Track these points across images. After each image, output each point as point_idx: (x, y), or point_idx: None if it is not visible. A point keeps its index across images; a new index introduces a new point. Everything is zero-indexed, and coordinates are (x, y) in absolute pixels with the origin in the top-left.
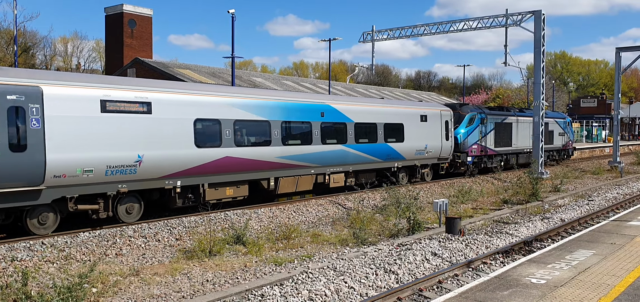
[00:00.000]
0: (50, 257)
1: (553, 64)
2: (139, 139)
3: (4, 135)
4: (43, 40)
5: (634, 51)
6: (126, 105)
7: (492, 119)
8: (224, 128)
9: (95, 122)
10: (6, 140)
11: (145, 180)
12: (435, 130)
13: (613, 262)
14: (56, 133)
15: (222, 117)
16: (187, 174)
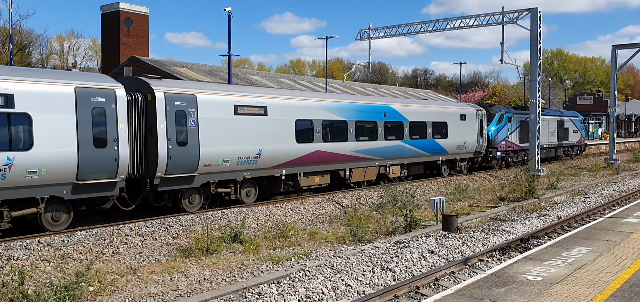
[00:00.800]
0: (47, 256)
1: (549, 62)
2: (259, 136)
3: (173, 132)
4: (39, 38)
5: (630, 48)
6: (250, 109)
7: (517, 117)
8: (315, 127)
9: (230, 123)
10: (175, 136)
11: (262, 169)
12: (472, 128)
13: (609, 259)
14: (205, 131)
15: (313, 118)
16: (289, 164)
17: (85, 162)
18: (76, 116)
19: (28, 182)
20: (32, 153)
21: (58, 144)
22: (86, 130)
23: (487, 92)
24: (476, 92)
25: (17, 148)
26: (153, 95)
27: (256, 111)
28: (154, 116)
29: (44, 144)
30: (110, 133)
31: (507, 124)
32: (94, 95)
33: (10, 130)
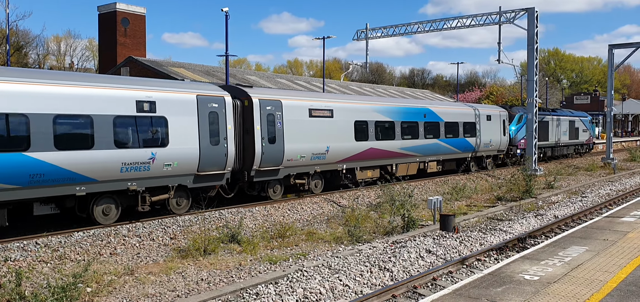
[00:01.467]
0: (44, 257)
1: (546, 61)
2: (327, 135)
3: (265, 132)
4: (36, 39)
5: (626, 48)
6: (321, 112)
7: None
8: (369, 127)
9: (306, 124)
10: (267, 135)
11: (328, 163)
12: (496, 127)
13: (606, 259)
14: (288, 131)
15: (368, 119)
16: (349, 160)
17: (204, 156)
18: (198, 119)
19: (164, 173)
20: (168, 149)
21: (186, 141)
22: (205, 131)
23: (484, 92)
24: (473, 92)
25: (158, 145)
26: (250, 101)
27: (325, 114)
28: (251, 119)
29: (176, 142)
30: (221, 133)
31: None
32: (209, 102)
33: (153, 131)
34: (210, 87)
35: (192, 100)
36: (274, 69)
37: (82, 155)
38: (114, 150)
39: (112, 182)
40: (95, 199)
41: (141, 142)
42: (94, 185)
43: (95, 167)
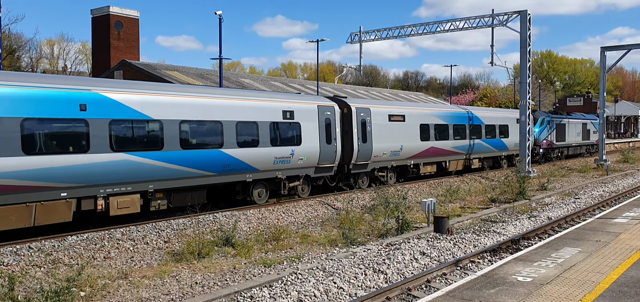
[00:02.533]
0: (37, 261)
1: (539, 63)
2: (400, 136)
3: (360, 133)
4: (28, 42)
5: (618, 50)
6: (396, 117)
7: (554, 120)
8: (430, 129)
9: (387, 127)
10: (361, 136)
11: (401, 160)
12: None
13: (598, 260)
14: (375, 133)
15: (430, 122)
16: (415, 157)
17: (322, 153)
18: (318, 124)
19: (298, 165)
20: (302, 147)
21: (312, 141)
22: (322, 133)
23: (477, 94)
24: (466, 94)
25: (295, 144)
26: (349, 109)
27: (399, 119)
28: (350, 123)
29: (306, 142)
30: (332, 134)
31: (547, 126)
32: (325, 110)
33: (292, 133)
34: (324, 98)
35: (315, 110)
36: (268, 71)
37: (253, 151)
38: (270, 147)
39: (267, 172)
40: (255, 184)
41: (285, 141)
42: (257, 173)
43: (259, 160)
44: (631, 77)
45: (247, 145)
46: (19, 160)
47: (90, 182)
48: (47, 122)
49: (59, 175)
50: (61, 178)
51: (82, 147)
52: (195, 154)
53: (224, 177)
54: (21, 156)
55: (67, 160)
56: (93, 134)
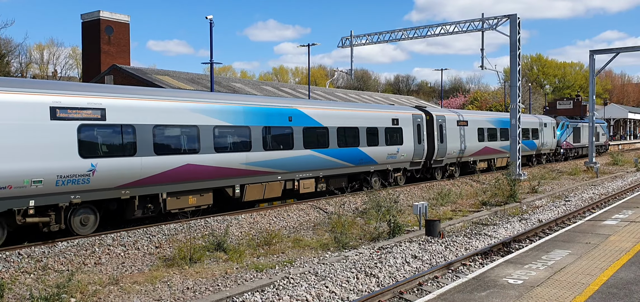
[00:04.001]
0: (27, 268)
1: (529, 67)
2: (464, 138)
3: (439, 136)
4: (18, 47)
5: (607, 53)
6: (462, 123)
7: (572, 124)
8: (484, 132)
9: (455, 130)
10: (439, 138)
11: (464, 157)
12: (549, 132)
13: (588, 262)
14: (448, 135)
15: (484, 127)
16: (474, 155)
17: (415, 151)
18: (412, 128)
19: (400, 160)
20: (403, 146)
21: (409, 142)
22: (415, 135)
23: (468, 98)
24: (457, 98)
25: (399, 144)
26: (431, 116)
27: (464, 124)
28: (432, 127)
29: (405, 142)
30: (421, 137)
31: (566, 130)
32: (416, 117)
33: (397, 136)
34: (415, 108)
35: (410, 117)
36: (259, 76)
37: (375, 149)
38: (385, 146)
39: (382, 165)
40: (372, 174)
41: (393, 142)
42: (376, 166)
43: (379, 156)
44: (620, 80)
45: (372, 144)
46: (261, 154)
47: (292, 170)
48: (274, 129)
49: (277, 164)
50: (279, 166)
51: (289, 146)
52: (345, 151)
53: (358, 168)
54: (262, 151)
55: (281, 154)
56: (295, 137)
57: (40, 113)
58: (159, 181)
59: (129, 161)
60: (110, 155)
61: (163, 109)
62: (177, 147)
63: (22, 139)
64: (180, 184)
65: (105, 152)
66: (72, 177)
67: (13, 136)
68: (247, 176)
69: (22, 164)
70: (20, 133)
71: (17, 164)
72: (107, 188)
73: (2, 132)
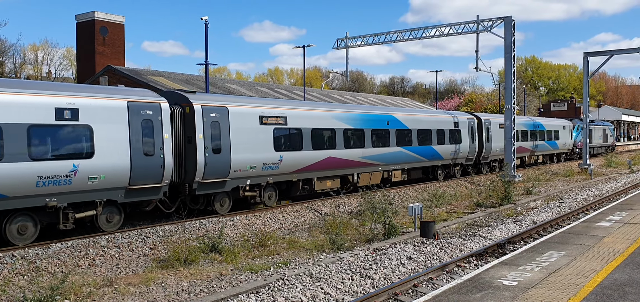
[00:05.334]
0: (20, 270)
1: (524, 69)
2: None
3: (486, 136)
4: (12, 48)
5: (601, 56)
6: (502, 125)
7: None
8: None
9: (498, 132)
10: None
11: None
12: (567, 134)
13: (582, 263)
14: (493, 136)
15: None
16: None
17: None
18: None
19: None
20: (461, 145)
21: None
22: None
23: (463, 99)
24: (452, 100)
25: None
26: (480, 120)
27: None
28: (481, 129)
29: (463, 141)
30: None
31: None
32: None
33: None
34: (468, 113)
35: (466, 121)
36: (254, 77)
37: (443, 147)
38: (449, 145)
39: (446, 160)
40: (438, 168)
41: (454, 141)
42: (442, 161)
43: (445, 153)
44: (614, 82)
45: (440, 143)
46: (371, 150)
47: (388, 162)
48: (378, 131)
49: (379, 158)
50: (380, 160)
51: (387, 144)
52: (423, 148)
53: (430, 162)
54: (370, 148)
55: (382, 150)
56: (390, 137)
57: (255, 120)
58: (313, 169)
59: (300, 153)
60: (289, 149)
61: (317, 116)
62: (323, 144)
63: (247, 138)
64: (324, 171)
65: (287, 147)
66: (270, 165)
67: (243, 136)
68: (361, 166)
69: (246, 155)
70: (247, 134)
71: (244, 154)
72: (286, 173)
73: (239, 133)
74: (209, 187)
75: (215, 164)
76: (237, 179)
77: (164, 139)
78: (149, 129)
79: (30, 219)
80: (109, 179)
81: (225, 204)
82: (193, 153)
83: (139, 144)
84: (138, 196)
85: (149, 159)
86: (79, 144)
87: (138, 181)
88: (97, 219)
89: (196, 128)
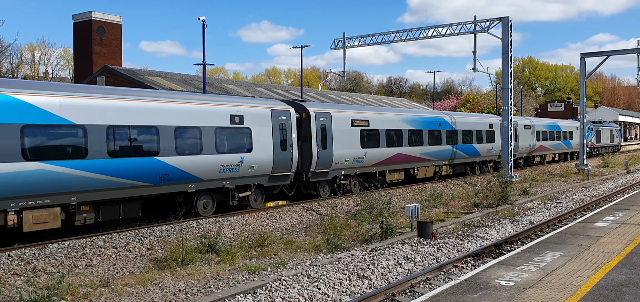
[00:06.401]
0: (17, 270)
1: (521, 69)
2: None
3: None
4: (9, 48)
5: (598, 56)
6: (527, 127)
7: (594, 128)
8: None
9: (525, 132)
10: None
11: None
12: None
13: (579, 263)
14: (519, 136)
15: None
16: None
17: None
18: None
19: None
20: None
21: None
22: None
23: (460, 100)
24: (449, 100)
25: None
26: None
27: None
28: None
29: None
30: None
31: (591, 132)
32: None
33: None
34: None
35: (498, 122)
36: (252, 77)
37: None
38: (485, 144)
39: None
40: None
41: (489, 140)
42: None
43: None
44: (611, 83)
45: (479, 142)
46: (427, 148)
47: (439, 159)
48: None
49: (433, 155)
50: (434, 156)
51: (439, 142)
52: (466, 146)
53: (471, 159)
54: (427, 146)
55: (435, 148)
56: (442, 137)
57: (348, 123)
58: (386, 163)
59: (378, 150)
60: (371, 146)
61: (389, 119)
62: (393, 142)
63: (343, 137)
64: (393, 165)
65: (369, 144)
66: (358, 159)
67: (341, 135)
68: (420, 161)
69: (343, 151)
70: (343, 134)
71: (341, 150)
72: (368, 166)
73: (338, 134)
74: (318, 176)
75: (323, 157)
76: (336, 169)
77: (293, 138)
78: (283, 131)
79: (210, 197)
80: (260, 168)
81: (327, 190)
82: (309, 149)
83: (278, 141)
84: (275, 181)
85: (283, 153)
86: (244, 141)
87: (277, 170)
88: (249, 198)
89: (311, 129)
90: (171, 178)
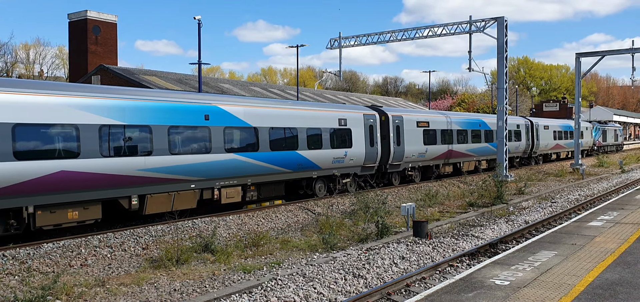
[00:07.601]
0: (11, 270)
1: (516, 69)
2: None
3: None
4: (3, 47)
5: (593, 56)
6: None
7: (601, 128)
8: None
9: (544, 131)
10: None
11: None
12: (589, 134)
13: (574, 263)
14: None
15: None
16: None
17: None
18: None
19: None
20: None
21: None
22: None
23: (455, 100)
24: (445, 100)
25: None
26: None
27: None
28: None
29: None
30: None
31: (598, 132)
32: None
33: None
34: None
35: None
36: (247, 77)
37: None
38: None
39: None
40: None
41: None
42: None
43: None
44: (605, 83)
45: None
46: (470, 145)
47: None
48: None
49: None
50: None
51: (479, 140)
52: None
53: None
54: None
55: (476, 146)
56: (481, 136)
57: (414, 124)
58: (441, 158)
59: (436, 147)
60: (430, 144)
61: (444, 121)
62: (446, 140)
63: (411, 136)
64: (446, 160)
65: (429, 142)
66: (421, 154)
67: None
68: (465, 157)
69: (411, 147)
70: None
71: (410, 147)
72: (427, 160)
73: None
74: (393, 168)
75: (398, 153)
76: (405, 163)
77: (377, 136)
78: (371, 131)
79: (323, 183)
80: (356, 160)
81: (397, 180)
82: (387, 146)
83: (368, 139)
84: (365, 171)
85: (371, 148)
86: (346, 139)
87: (367, 162)
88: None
89: (390, 129)
90: (304, 167)
